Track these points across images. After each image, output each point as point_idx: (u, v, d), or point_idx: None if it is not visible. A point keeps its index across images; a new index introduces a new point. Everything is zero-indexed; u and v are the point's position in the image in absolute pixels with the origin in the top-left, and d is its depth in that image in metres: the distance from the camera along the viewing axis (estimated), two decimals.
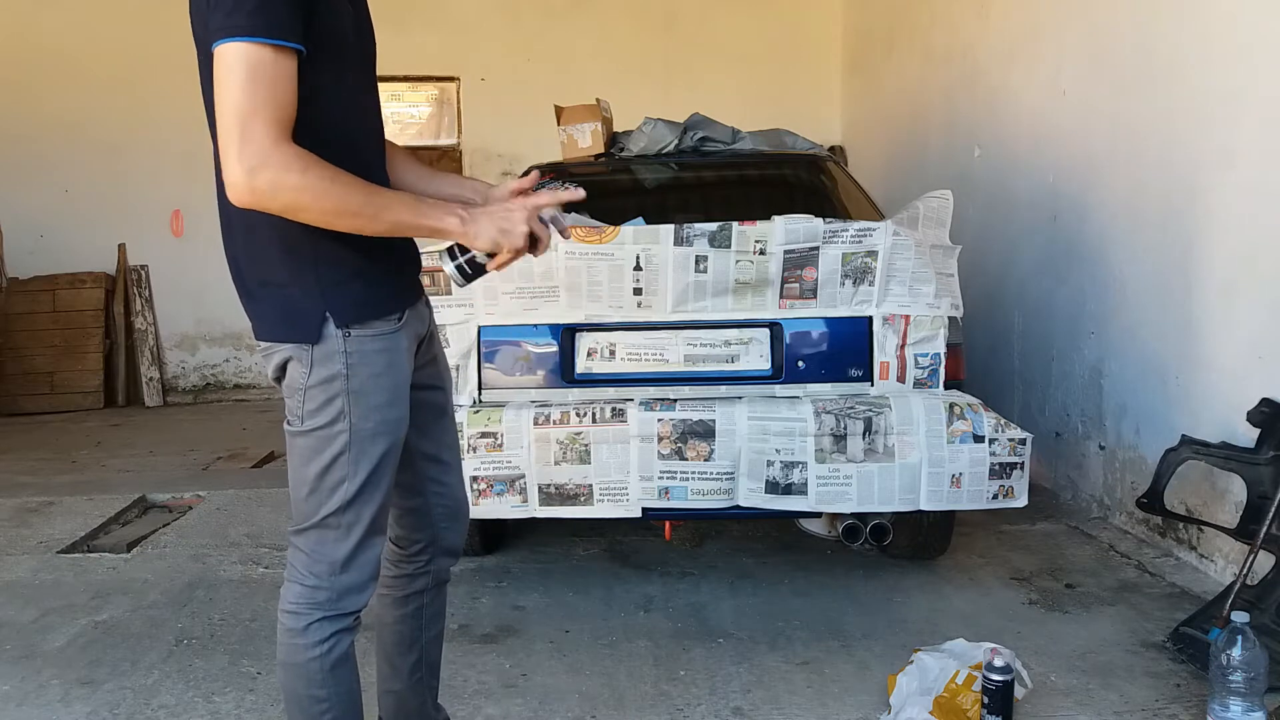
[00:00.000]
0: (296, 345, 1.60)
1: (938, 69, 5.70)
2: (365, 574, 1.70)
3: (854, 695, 2.51)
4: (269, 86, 1.41)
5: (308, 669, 1.68)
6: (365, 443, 1.62)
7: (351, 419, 1.61)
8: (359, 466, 1.63)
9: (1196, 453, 2.86)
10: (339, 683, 1.70)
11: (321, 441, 1.62)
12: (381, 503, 1.68)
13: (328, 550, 1.66)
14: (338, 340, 1.59)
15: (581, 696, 2.54)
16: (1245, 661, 2.12)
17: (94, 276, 7.47)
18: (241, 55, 1.40)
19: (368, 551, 1.69)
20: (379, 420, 1.63)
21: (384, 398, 1.63)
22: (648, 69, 7.45)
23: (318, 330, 1.58)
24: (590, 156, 4.02)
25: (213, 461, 5.39)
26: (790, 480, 2.81)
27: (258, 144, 1.41)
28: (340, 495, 1.63)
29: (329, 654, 1.68)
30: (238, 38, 1.40)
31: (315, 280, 1.58)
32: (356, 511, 1.65)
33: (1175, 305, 3.43)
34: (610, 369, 2.97)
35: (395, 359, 1.65)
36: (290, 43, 1.43)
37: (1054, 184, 4.26)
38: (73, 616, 3.15)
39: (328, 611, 1.67)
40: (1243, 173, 3.08)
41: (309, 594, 1.68)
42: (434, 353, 1.86)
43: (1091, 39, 3.96)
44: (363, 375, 1.61)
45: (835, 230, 2.86)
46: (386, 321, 1.64)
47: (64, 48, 7.45)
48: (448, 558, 1.96)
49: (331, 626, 1.68)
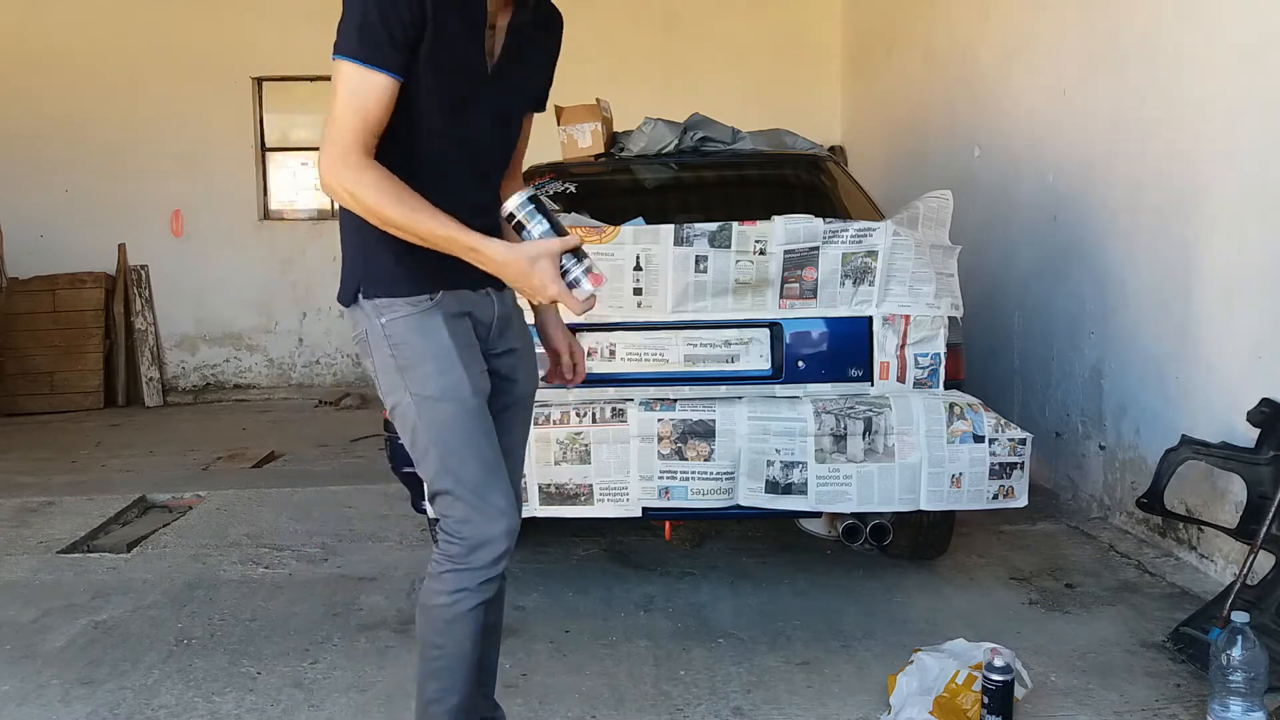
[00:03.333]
0: (363, 343, 1.83)
1: (938, 69, 5.70)
2: (492, 529, 1.80)
3: (854, 695, 2.51)
4: (358, 104, 1.65)
5: (432, 614, 1.85)
6: (431, 410, 1.79)
7: (411, 391, 1.79)
8: (435, 432, 1.80)
9: (1196, 453, 2.86)
10: (456, 637, 1.84)
11: (402, 420, 1.83)
12: (479, 460, 1.81)
13: (449, 510, 1.82)
14: (370, 313, 1.79)
15: (581, 696, 2.54)
16: (1245, 661, 2.12)
17: (94, 276, 7.47)
18: (343, 74, 1.66)
19: (485, 507, 1.80)
20: (436, 387, 1.79)
21: (432, 366, 1.79)
22: (648, 69, 7.45)
23: (352, 296, 1.82)
24: (590, 156, 4.02)
25: (213, 461, 5.39)
26: (790, 480, 2.81)
27: (336, 154, 1.66)
28: (432, 462, 1.81)
29: (452, 606, 1.82)
30: (343, 56, 1.66)
31: (360, 255, 1.82)
32: (452, 474, 1.80)
33: (1175, 305, 3.43)
34: (610, 369, 2.97)
35: (433, 333, 1.80)
36: (383, 69, 1.66)
37: (1054, 184, 4.26)
38: (73, 616, 3.15)
39: (458, 565, 1.81)
40: (1243, 173, 3.08)
41: (445, 546, 1.84)
42: (513, 346, 1.97)
43: (1091, 39, 3.96)
44: (407, 353, 1.80)
45: (835, 230, 2.86)
46: (414, 301, 1.79)
47: (64, 48, 7.46)
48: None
49: (460, 582, 1.81)
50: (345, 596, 3.27)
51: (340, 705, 2.52)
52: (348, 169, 1.65)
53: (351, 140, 1.65)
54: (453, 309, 1.82)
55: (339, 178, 1.65)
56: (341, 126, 1.65)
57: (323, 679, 2.67)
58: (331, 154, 1.66)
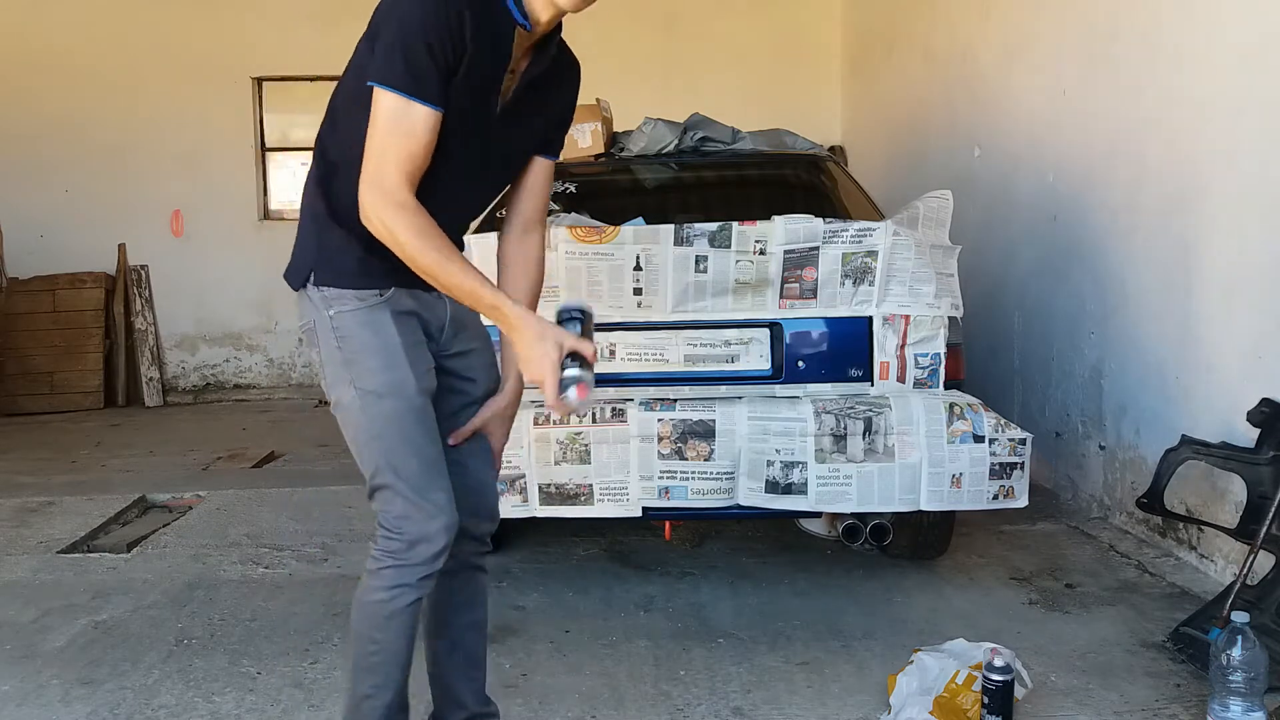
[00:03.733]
0: (310, 333, 1.85)
1: (938, 69, 5.70)
2: (431, 526, 1.82)
3: (854, 695, 2.51)
4: (403, 136, 1.67)
5: (370, 610, 1.86)
6: (374, 405, 1.81)
7: (356, 385, 1.81)
8: (378, 428, 1.82)
9: (1196, 453, 2.86)
10: (392, 633, 1.85)
11: (344, 413, 1.85)
12: (420, 457, 1.83)
13: (388, 506, 1.84)
14: (319, 304, 1.81)
15: (581, 696, 2.54)
16: (1245, 661, 2.12)
17: (94, 276, 7.47)
18: (387, 105, 1.66)
19: (427, 503, 1.82)
20: (381, 382, 1.80)
21: (377, 361, 1.81)
22: (648, 69, 7.45)
23: (303, 280, 1.84)
24: (590, 156, 4.02)
25: (213, 461, 5.39)
26: (790, 480, 2.81)
27: (382, 189, 1.67)
28: (371, 457, 1.83)
29: (390, 603, 1.83)
30: (389, 88, 1.66)
31: (316, 240, 1.84)
32: (395, 470, 1.81)
33: (1175, 305, 3.43)
34: (610, 369, 2.96)
35: (380, 329, 1.81)
36: (429, 103, 1.67)
37: (1054, 184, 4.26)
38: (73, 616, 3.15)
39: (398, 560, 1.82)
40: (1243, 173, 3.08)
41: (384, 542, 1.84)
42: (469, 347, 1.98)
43: (1091, 39, 3.96)
44: (353, 346, 1.81)
45: (835, 230, 2.86)
46: (364, 296, 1.81)
47: (64, 48, 7.46)
48: (471, 543, 2.02)
49: (398, 578, 1.82)
50: (345, 596, 3.25)
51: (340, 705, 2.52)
52: (391, 206, 1.66)
53: (397, 176, 1.66)
54: (402, 306, 1.83)
55: (381, 213, 1.67)
56: (388, 160, 1.66)
57: (323, 679, 2.67)
58: (377, 188, 1.67)
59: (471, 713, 2.08)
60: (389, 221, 1.67)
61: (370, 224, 1.70)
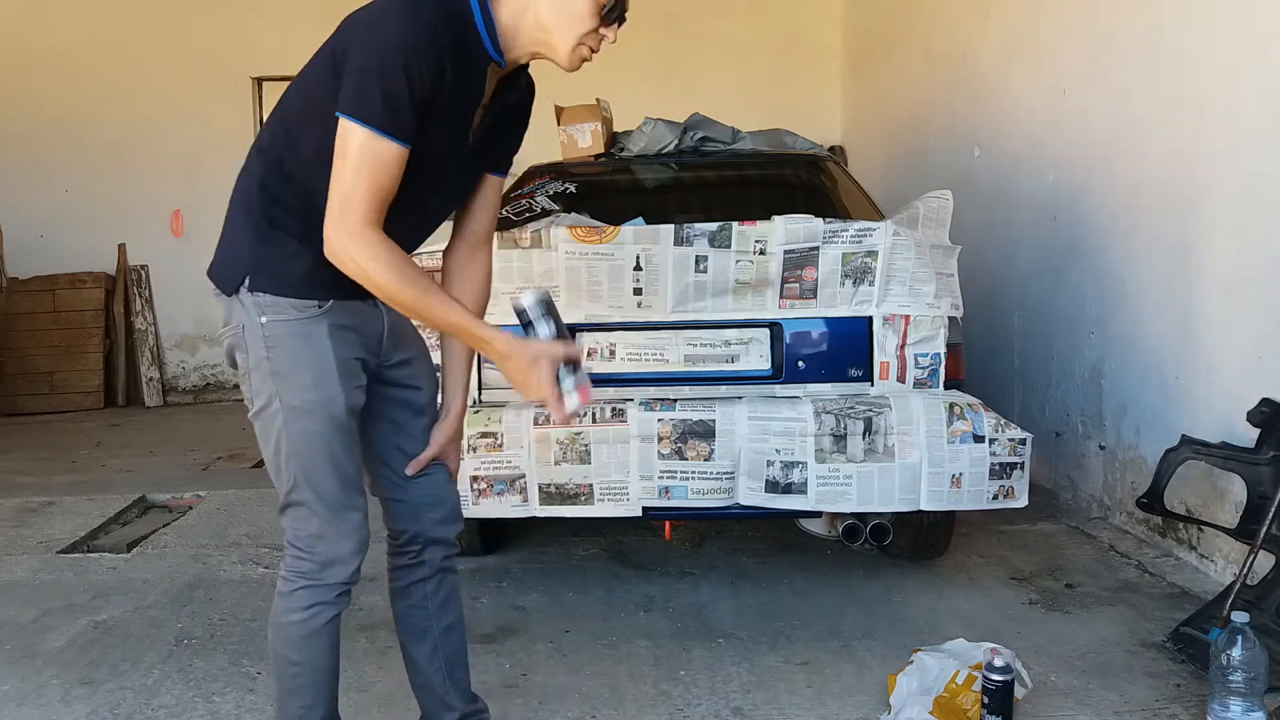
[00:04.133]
0: (237, 336, 1.78)
1: (938, 69, 5.70)
2: (346, 546, 1.80)
3: (854, 695, 2.51)
4: (373, 173, 1.61)
5: (287, 632, 1.83)
6: (299, 420, 1.75)
7: (281, 399, 1.75)
8: (299, 444, 1.76)
9: (1196, 453, 2.86)
10: (314, 652, 1.83)
11: (266, 423, 1.78)
12: (340, 477, 1.79)
13: (302, 524, 1.81)
14: (251, 309, 1.74)
15: (581, 696, 2.54)
16: (1245, 661, 2.12)
17: (94, 276, 7.47)
18: (358, 140, 1.61)
19: (342, 523, 1.79)
20: (309, 399, 1.74)
21: (310, 377, 1.75)
22: (648, 69, 7.44)
23: (235, 285, 1.76)
24: (590, 156, 4.02)
25: (213, 461, 5.39)
26: (790, 480, 2.81)
27: (351, 225, 1.62)
28: (291, 473, 1.78)
29: (307, 622, 1.81)
30: (362, 123, 1.60)
31: (254, 244, 1.76)
32: (313, 487, 1.77)
33: (1175, 305, 3.43)
34: (610, 369, 2.97)
35: (315, 342, 1.75)
36: (401, 140, 1.62)
37: (1054, 184, 4.26)
38: (73, 616, 3.15)
39: (311, 581, 1.80)
40: (1243, 173, 3.08)
41: (295, 563, 1.82)
42: (408, 355, 1.94)
43: (1091, 39, 3.96)
44: (283, 357, 1.74)
45: (835, 230, 2.86)
46: (302, 306, 1.74)
47: (64, 48, 7.45)
48: (439, 547, 2.01)
49: (314, 597, 1.81)
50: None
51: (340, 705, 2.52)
52: (361, 243, 1.62)
53: (365, 212, 1.62)
54: (340, 321, 1.77)
55: (352, 252, 1.62)
56: (358, 195, 1.61)
57: None
58: (345, 225, 1.62)
59: (462, 713, 2.08)
60: (361, 260, 1.62)
61: (339, 261, 1.64)
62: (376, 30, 1.62)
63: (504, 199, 3.69)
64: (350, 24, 1.68)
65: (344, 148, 1.62)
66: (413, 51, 1.60)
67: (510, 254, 2.87)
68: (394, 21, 1.61)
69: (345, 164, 1.62)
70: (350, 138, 1.61)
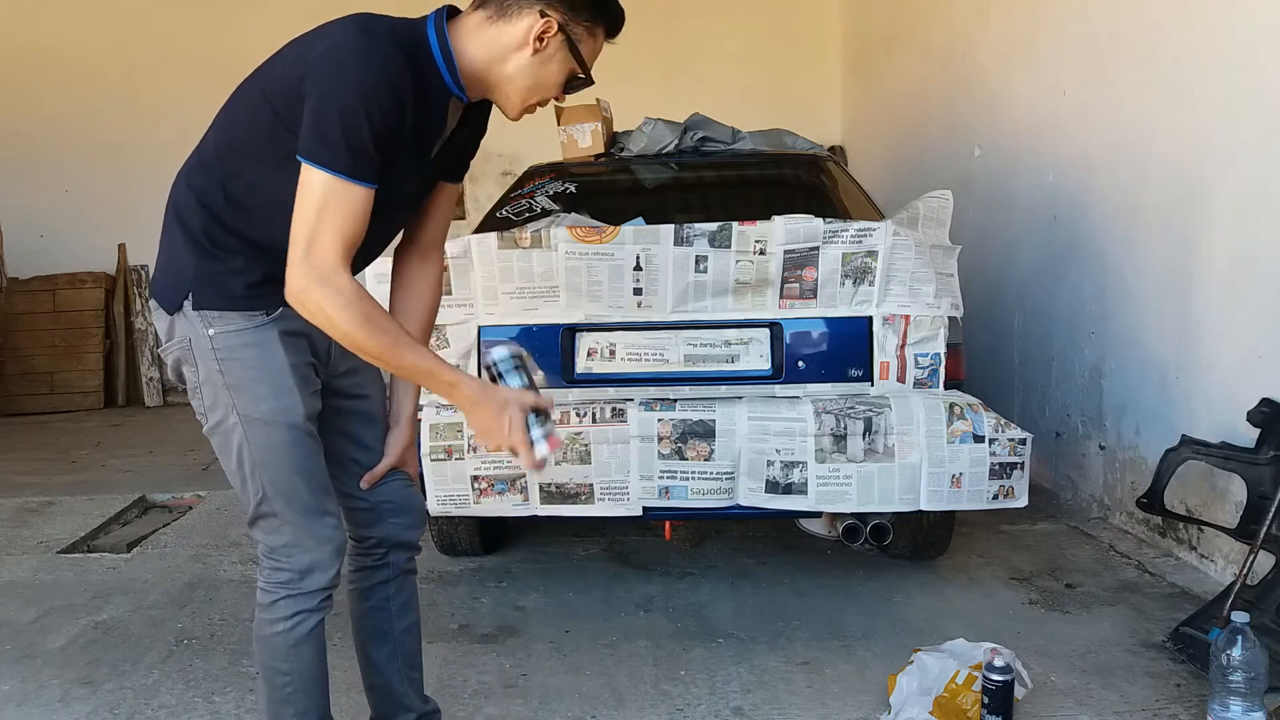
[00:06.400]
0: (184, 350, 1.72)
1: (937, 69, 5.70)
2: (321, 554, 1.78)
3: (854, 695, 2.51)
4: (339, 217, 1.56)
5: (273, 643, 1.81)
6: (260, 432, 1.72)
7: (239, 411, 1.72)
8: (263, 455, 1.73)
9: (1196, 453, 2.86)
10: (301, 659, 1.82)
11: (224, 438, 1.76)
12: (309, 485, 1.77)
13: (274, 536, 1.78)
14: (197, 322, 1.69)
15: (581, 696, 2.54)
16: (1245, 661, 2.12)
17: (94, 276, 7.47)
18: (323, 185, 1.55)
19: (315, 531, 1.78)
20: (267, 409, 1.72)
21: (266, 387, 1.71)
22: (648, 69, 7.44)
23: (178, 302, 1.71)
24: (590, 156, 4.02)
25: (213, 461, 5.34)
26: (790, 480, 2.81)
27: (315, 268, 1.56)
28: (258, 484, 1.75)
29: (292, 631, 1.79)
30: (323, 168, 1.55)
31: (195, 257, 1.71)
32: (283, 498, 1.75)
33: (1175, 305, 3.43)
34: (610, 369, 2.97)
35: (267, 350, 1.71)
36: (368, 183, 1.58)
37: (1054, 184, 4.26)
38: (73, 616, 3.15)
39: (291, 591, 1.79)
40: (1243, 173, 3.08)
41: (272, 574, 1.80)
42: (354, 364, 1.88)
43: (1091, 39, 3.96)
44: (236, 369, 1.70)
45: (835, 230, 2.86)
46: (250, 317, 1.70)
47: (64, 48, 7.45)
48: (403, 550, 2.02)
49: (295, 606, 1.79)
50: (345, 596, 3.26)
51: (340, 705, 2.51)
52: (330, 290, 1.55)
53: (334, 257, 1.56)
54: (290, 327, 1.72)
55: (315, 295, 1.56)
56: (323, 240, 1.55)
57: None
58: (310, 267, 1.55)
59: (419, 713, 2.08)
60: (327, 307, 1.56)
61: (301, 305, 1.58)
62: (333, 69, 1.56)
63: (504, 199, 3.71)
64: (312, 56, 1.59)
65: (307, 192, 1.56)
66: (373, 90, 1.55)
67: (510, 254, 2.86)
68: (350, 60, 1.55)
69: (309, 206, 1.56)
70: (313, 183, 1.56)
